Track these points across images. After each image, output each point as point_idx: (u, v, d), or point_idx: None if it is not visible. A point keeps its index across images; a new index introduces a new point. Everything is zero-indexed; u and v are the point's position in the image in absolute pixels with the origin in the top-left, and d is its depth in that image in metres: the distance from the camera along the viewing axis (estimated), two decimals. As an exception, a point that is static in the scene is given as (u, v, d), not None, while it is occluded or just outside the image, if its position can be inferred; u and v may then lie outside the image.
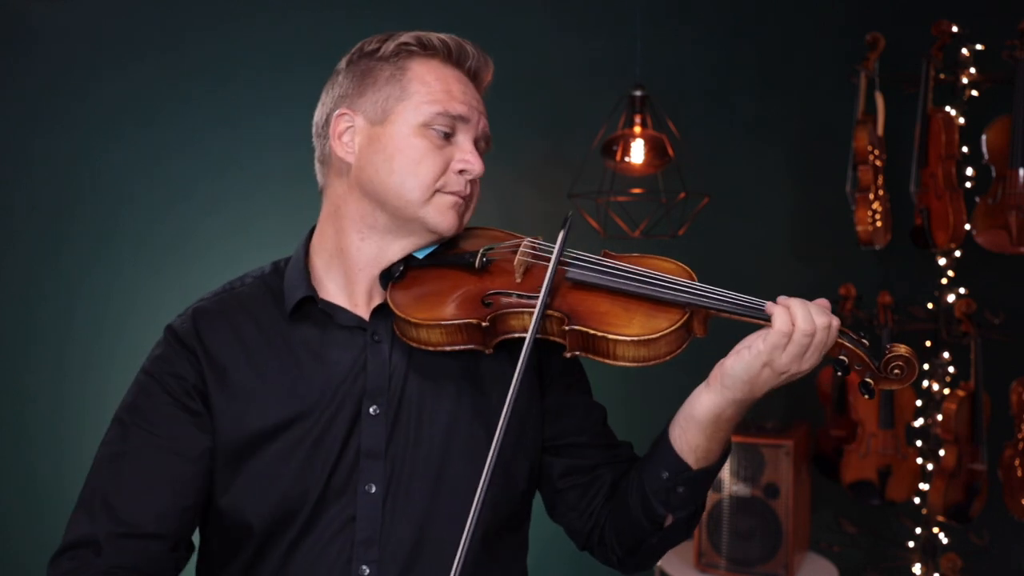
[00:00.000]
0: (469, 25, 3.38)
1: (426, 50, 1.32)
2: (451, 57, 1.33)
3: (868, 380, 1.24)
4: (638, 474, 1.34)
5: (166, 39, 3.17)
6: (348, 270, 1.34)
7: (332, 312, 1.33)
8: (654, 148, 2.90)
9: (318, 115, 1.37)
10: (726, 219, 3.29)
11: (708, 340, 1.30)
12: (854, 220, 3.07)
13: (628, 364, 1.22)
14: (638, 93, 2.92)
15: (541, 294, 1.23)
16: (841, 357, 1.24)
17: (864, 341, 1.25)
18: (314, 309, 1.34)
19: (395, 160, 1.29)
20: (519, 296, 1.27)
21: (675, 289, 1.24)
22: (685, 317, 1.22)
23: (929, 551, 3.12)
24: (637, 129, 2.92)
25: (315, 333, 1.32)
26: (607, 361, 1.22)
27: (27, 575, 2.87)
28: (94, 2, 3.13)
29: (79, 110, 3.11)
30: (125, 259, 3.17)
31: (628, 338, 1.20)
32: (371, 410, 1.29)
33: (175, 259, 3.17)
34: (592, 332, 1.21)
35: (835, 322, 1.21)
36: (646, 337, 1.20)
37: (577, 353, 1.24)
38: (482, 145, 1.36)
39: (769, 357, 1.19)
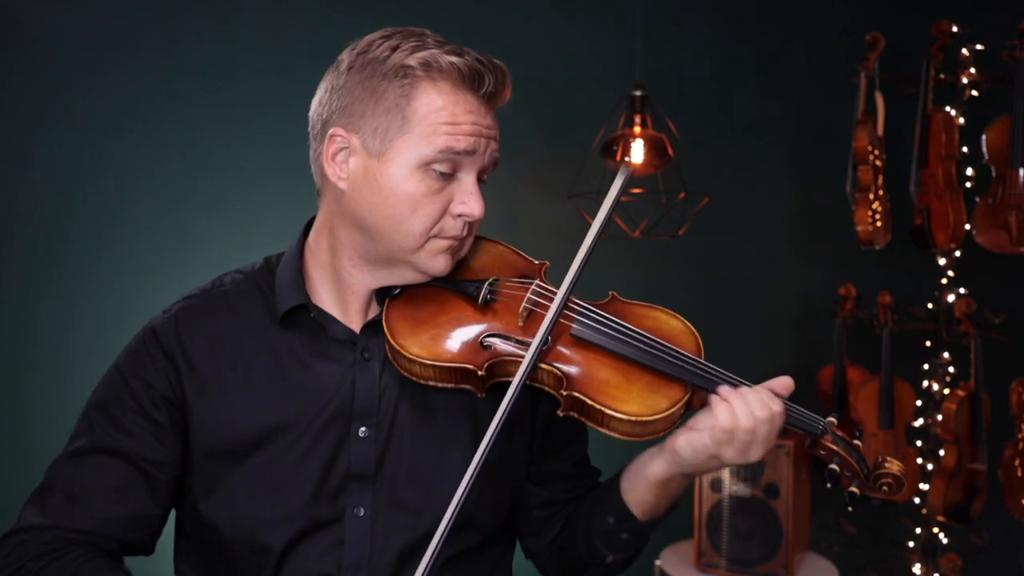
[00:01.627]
0: (469, 25, 3.39)
1: (441, 73, 1.20)
2: (464, 82, 1.21)
3: (854, 490, 1.24)
4: (587, 511, 1.35)
5: (166, 39, 3.16)
6: (341, 288, 1.30)
7: (324, 322, 1.28)
8: (654, 148, 2.90)
9: (315, 113, 1.29)
10: (726, 219, 3.29)
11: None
12: (854, 220, 3.07)
13: (620, 438, 1.19)
14: (638, 93, 2.92)
15: (532, 348, 1.17)
16: (832, 466, 1.23)
17: (857, 444, 1.24)
18: (306, 317, 1.29)
19: (389, 203, 1.21)
20: (517, 343, 1.22)
21: (682, 367, 1.20)
22: (687, 396, 1.20)
23: (929, 551, 3.12)
24: (637, 129, 2.92)
25: (304, 342, 1.28)
26: (599, 429, 1.20)
27: (27, 575, 2.87)
28: (94, 2, 3.13)
29: (79, 110, 3.11)
30: (125, 259, 3.16)
31: (625, 416, 1.17)
32: (360, 431, 1.26)
33: (175, 259, 3.17)
34: (588, 402, 1.18)
35: (778, 410, 1.19)
36: (643, 419, 1.17)
37: (571, 414, 1.21)
38: (489, 171, 1.27)
39: (716, 451, 1.19)
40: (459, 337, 1.23)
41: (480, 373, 1.20)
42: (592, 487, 1.43)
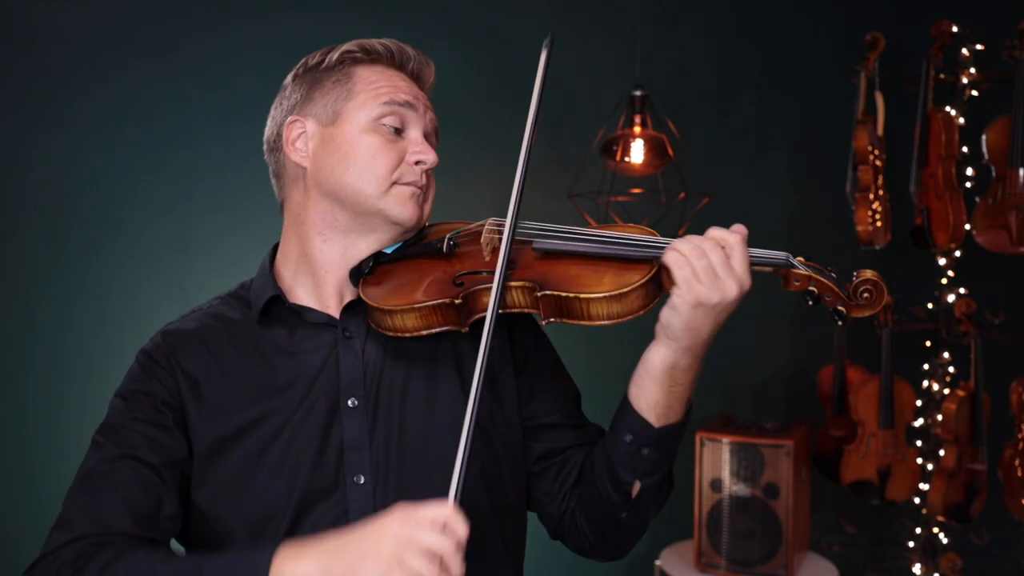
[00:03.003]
0: (469, 25, 3.39)
1: (369, 55, 1.38)
2: (393, 60, 1.39)
3: (840, 308, 1.27)
4: (602, 445, 1.34)
5: (166, 39, 3.17)
6: (315, 273, 1.36)
7: (301, 311, 1.35)
8: (654, 148, 2.91)
9: (269, 131, 1.41)
10: (726, 219, 3.26)
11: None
12: (854, 220, 3.07)
13: (604, 322, 1.24)
14: (638, 93, 2.93)
15: (501, 253, 1.25)
16: (811, 288, 1.27)
17: (832, 273, 1.28)
18: (283, 310, 1.35)
19: (349, 157, 1.33)
20: (488, 272, 1.29)
21: (639, 245, 1.26)
22: (654, 270, 1.24)
23: (929, 551, 3.12)
24: (637, 129, 2.92)
25: (285, 332, 1.34)
26: (583, 322, 1.24)
27: (27, 575, 2.87)
28: (94, 2, 3.13)
29: (79, 110, 3.11)
30: (125, 259, 3.17)
31: (600, 295, 1.22)
32: (350, 403, 1.30)
33: (175, 259, 3.17)
34: (564, 295, 1.23)
35: (718, 235, 1.24)
36: (617, 292, 1.22)
37: (552, 320, 1.26)
38: (433, 140, 1.40)
39: (691, 295, 1.19)
40: (433, 283, 1.31)
41: (457, 302, 1.26)
42: (596, 438, 1.43)
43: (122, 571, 1.14)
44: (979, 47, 3.01)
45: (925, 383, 3.14)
